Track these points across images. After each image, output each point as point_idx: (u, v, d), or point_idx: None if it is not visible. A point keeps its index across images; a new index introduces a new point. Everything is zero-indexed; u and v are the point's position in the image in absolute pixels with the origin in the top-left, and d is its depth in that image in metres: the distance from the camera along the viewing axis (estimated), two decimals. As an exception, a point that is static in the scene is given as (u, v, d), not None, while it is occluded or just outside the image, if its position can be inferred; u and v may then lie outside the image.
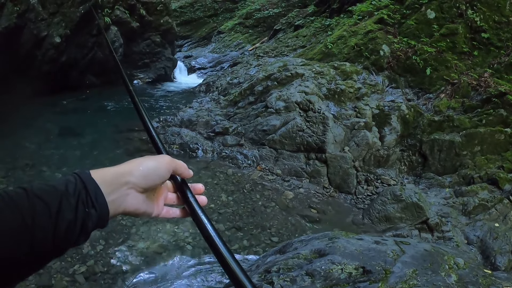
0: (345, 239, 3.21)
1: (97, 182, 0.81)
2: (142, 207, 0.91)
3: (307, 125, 7.44)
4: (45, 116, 9.76)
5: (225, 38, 21.99)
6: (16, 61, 9.99)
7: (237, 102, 9.02)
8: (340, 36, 10.80)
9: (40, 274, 4.14)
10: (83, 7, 11.17)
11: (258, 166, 7.38)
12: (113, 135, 8.72)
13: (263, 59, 13.30)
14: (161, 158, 0.96)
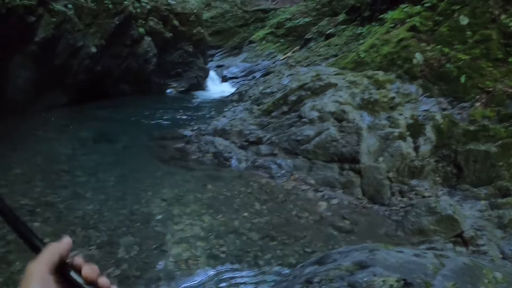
0: (386, 251, 3.21)
1: None
2: None
3: (341, 135, 7.42)
4: (79, 123, 10.02)
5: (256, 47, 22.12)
6: (53, 70, 10.33)
7: (271, 111, 9.01)
8: (372, 44, 10.71)
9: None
10: (117, 18, 11.56)
11: (292, 176, 7.34)
12: (146, 142, 8.89)
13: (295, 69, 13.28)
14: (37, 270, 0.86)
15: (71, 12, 10.24)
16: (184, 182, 6.86)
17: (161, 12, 13.99)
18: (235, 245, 5.08)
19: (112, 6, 11.34)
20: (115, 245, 4.80)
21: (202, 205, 6.00)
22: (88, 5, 10.76)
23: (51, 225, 5.21)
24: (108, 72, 12.27)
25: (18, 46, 9.10)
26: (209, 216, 5.66)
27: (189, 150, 8.25)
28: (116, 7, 11.49)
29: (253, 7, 26.15)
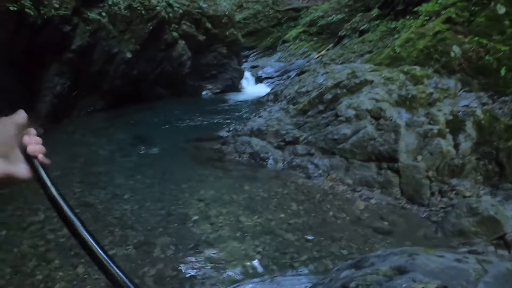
0: (426, 256, 3.08)
1: None
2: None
3: (378, 133, 7.25)
4: (117, 126, 10.26)
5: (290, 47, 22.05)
6: (90, 77, 10.70)
7: (307, 111, 8.91)
8: (407, 39, 10.43)
9: (111, 273, 4.34)
10: (151, 23, 11.82)
11: (329, 176, 7.23)
12: (182, 144, 8.97)
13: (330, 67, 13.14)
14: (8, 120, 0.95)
15: (105, 19, 10.55)
16: (220, 183, 6.91)
17: (194, 15, 14.19)
18: (271, 246, 5.05)
19: (145, 12, 11.58)
20: (152, 245, 4.87)
21: (239, 206, 6.01)
22: (122, 12, 11.03)
23: (90, 226, 5.23)
24: (144, 76, 12.50)
25: (55, 54, 9.46)
26: (245, 217, 5.66)
27: (225, 151, 8.28)
28: (149, 13, 11.72)
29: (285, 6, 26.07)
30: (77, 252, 4.71)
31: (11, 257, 4.70)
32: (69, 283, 4.25)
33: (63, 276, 4.36)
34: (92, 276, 4.32)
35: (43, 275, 4.38)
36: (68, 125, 10.01)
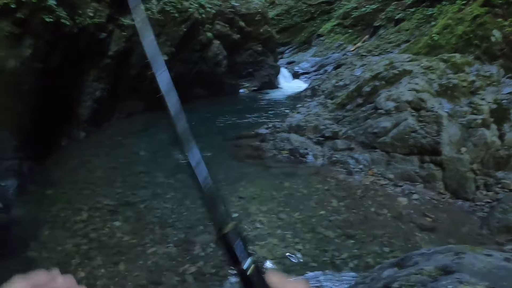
0: (472, 255, 2.89)
1: None
2: None
3: (419, 125, 6.98)
4: (157, 127, 10.35)
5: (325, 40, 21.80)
6: (128, 81, 10.93)
7: (345, 105, 8.77)
8: (445, 25, 10.04)
9: (151, 271, 4.40)
10: (184, 25, 11.99)
11: (370, 171, 7.05)
12: (222, 142, 9.02)
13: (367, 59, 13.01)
14: None
15: (140, 25, 10.62)
16: (260, 180, 6.87)
17: (226, 15, 14.27)
18: (312, 244, 4.98)
19: (178, 15, 11.70)
20: (192, 243, 4.91)
21: (279, 202, 5.96)
22: (155, 16, 11.20)
23: (131, 224, 5.43)
24: (181, 77, 12.61)
25: (93, 61, 9.73)
26: (285, 214, 5.61)
27: (264, 148, 8.22)
28: (182, 15, 11.84)
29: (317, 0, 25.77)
30: (119, 250, 4.79)
31: (55, 255, 4.86)
32: (110, 280, 4.33)
33: (105, 273, 4.45)
34: (133, 273, 4.39)
35: (86, 272, 4.50)
36: (109, 128, 10.25)
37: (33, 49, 7.51)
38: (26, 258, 4.85)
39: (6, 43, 7.15)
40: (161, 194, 6.30)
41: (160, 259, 4.60)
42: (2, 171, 6.56)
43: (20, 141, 7.24)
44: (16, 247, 5.05)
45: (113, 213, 5.74)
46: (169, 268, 4.45)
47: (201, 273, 4.39)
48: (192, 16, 12.17)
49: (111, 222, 5.47)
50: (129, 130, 10.19)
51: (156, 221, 5.44)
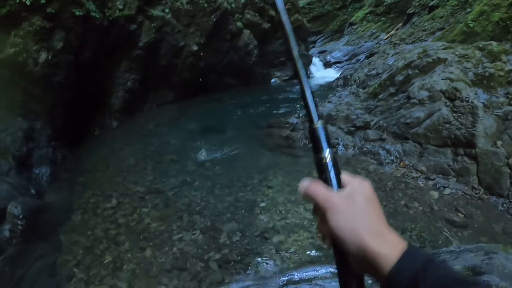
0: (504, 255, 2.74)
1: None
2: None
3: (454, 116, 6.64)
4: (187, 116, 10.48)
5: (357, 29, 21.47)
6: (159, 71, 11.08)
7: (377, 94, 8.52)
8: (481, 11, 9.63)
9: (176, 257, 4.43)
10: (214, 15, 12.00)
11: (402, 163, 6.81)
12: (252, 132, 8.98)
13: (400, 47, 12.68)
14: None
15: (169, 15, 10.89)
16: (289, 169, 6.79)
17: (256, 4, 14.17)
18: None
19: (207, 5, 11.73)
20: (218, 231, 4.91)
21: (307, 194, 5.85)
22: (184, 7, 11.27)
23: (160, 211, 5.49)
24: (212, 67, 12.66)
25: (124, 52, 9.93)
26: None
27: (295, 137, 8.12)
28: (211, 5, 11.86)
29: (349, -12, 25.38)
30: (146, 236, 4.84)
31: (84, 240, 4.96)
32: (137, 265, 4.39)
33: (132, 258, 4.52)
34: (159, 259, 4.43)
35: (113, 256, 4.59)
36: (141, 117, 10.39)
37: (64, 42, 7.69)
38: (56, 241, 5.00)
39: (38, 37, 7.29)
40: (190, 182, 6.33)
41: (186, 246, 4.63)
42: (37, 159, 6.81)
43: (54, 130, 7.48)
44: (47, 231, 5.21)
45: (142, 200, 5.82)
46: (194, 255, 4.47)
47: (225, 260, 4.39)
48: (222, 6, 12.17)
49: (140, 208, 5.54)
50: (160, 119, 10.30)
51: (184, 208, 5.48)
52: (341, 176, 0.86)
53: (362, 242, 0.77)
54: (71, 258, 4.62)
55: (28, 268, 4.49)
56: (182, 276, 4.14)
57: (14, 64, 7.10)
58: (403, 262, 0.74)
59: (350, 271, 0.82)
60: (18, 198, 5.41)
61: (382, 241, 0.77)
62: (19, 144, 6.58)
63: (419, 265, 0.74)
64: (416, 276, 0.73)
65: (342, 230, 0.79)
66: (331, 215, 0.80)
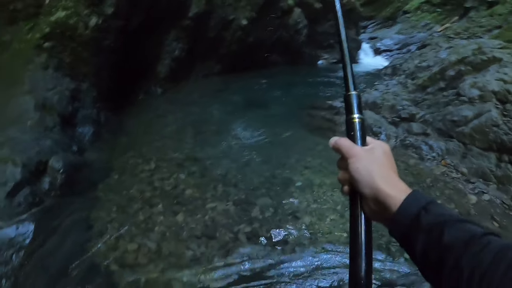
0: None
1: None
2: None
3: (503, 120, 6.25)
4: (232, 89, 10.49)
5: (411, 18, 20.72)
6: (207, 42, 11.09)
7: (426, 87, 8.23)
8: None
9: (207, 225, 4.50)
10: None
11: (443, 161, 6.57)
12: (295, 111, 8.90)
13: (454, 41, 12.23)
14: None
15: None
16: (329, 152, 6.51)
17: (310, -18, 13.84)
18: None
19: (260, -21, 11.53)
20: (251, 205, 4.93)
21: (344, 178, 5.77)
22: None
23: (195, 178, 5.57)
24: (260, 43, 12.57)
25: (173, 21, 9.97)
26: None
27: (337, 121, 8.01)
28: (264, -20, 11.65)
29: (405, -26, 24.55)
30: (179, 201, 4.92)
31: (119, 198, 5.12)
32: (167, 228, 4.49)
33: (163, 221, 4.62)
34: (190, 224, 4.51)
35: (145, 216, 4.70)
36: (186, 87, 10.44)
37: (114, 8, 7.80)
38: (92, 198, 5.17)
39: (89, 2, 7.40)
40: (229, 154, 6.38)
41: (218, 215, 4.68)
42: (81, 118, 7.04)
43: (100, 92, 7.67)
44: (85, 188, 5.40)
45: (180, 166, 5.91)
46: (224, 225, 4.52)
47: (255, 234, 4.41)
48: (274, -19, 12.01)
49: (176, 174, 5.64)
50: (205, 90, 10.34)
51: (219, 178, 5.53)
52: (366, 137, 1.04)
53: (375, 184, 0.92)
54: (104, 215, 4.77)
55: (63, 220, 4.68)
56: (211, 244, 4.21)
57: (65, 27, 7.27)
58: (408, 201, 0.88)
59: (360, 215, 0.96)
60: (59, 153, 5.60)
61: (392, 186, 0.92)
62: (65, 103, 6.80)
63: (422, 204, 0.87)
64: (418, 212, 0.86)
65: (360, 173, 0.95)
66: (352, 161, 0.98)
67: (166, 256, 4.03)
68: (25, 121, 5.89)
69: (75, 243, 4.30)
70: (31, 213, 4.75)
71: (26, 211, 4.74)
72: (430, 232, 0.82)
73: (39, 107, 6.23)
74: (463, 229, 0.80)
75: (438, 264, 0.79)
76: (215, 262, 3.96)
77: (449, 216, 0.84)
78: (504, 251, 0.74)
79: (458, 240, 0.78)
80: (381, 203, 0.91)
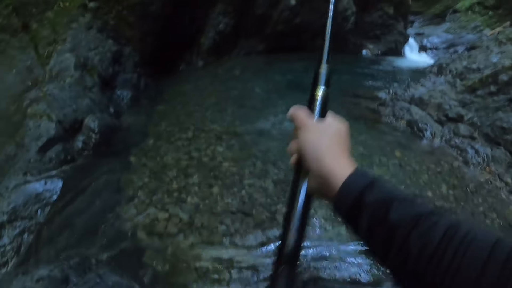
0: None
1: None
2: None
3: None
4: (274, 69, 10.28)
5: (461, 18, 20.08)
6: (253, 19, 10.84)
7: (476, 89, 8.06)
8: None
9: (244, 201, 4.30)
10: None
11: (487, 168, 6.30)
12: (338, 97, 8.57)
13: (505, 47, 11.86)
14: None
15: None
16: (372, 142, 6.48)
17: (362, -31, 13.47)
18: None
19: (312, -42, 11.21)
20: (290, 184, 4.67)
21: (387, 170, 5.58)
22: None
23: (233, 152, 5.35)
24: (307, 25, 12.24)
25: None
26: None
27: (382, 112, 7.83)
28: (317, -40, 11.33)
29: (459, -29, 23.88)
30: (216, 174, 4.74)
31: (153, 164, 4.94)
32: (201, 199, 4.29)
33: (198, 192, 4.42)
34: (225, 199, 4.31)
35: (179, 186, 4.51)
36: (228, 62, 10.28)
37: (164, -26, 7.64)
38: (125, 161, 5.02)
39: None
40: (269, 132, 6.15)
41: (255, 193, 4.47)
42: (120, 82, 6.94)
43: (141, 58, 7.58)
44: (118, 150, 5.27)
45: (218, 138, 5.71)
46: (262, 203, 4.30)
47: (290, 215, 4.18)
48: (328, -40, 11.67)
49: (214, 146, 5.44)
50: (247, 67, 10.14)
51: (259, 155, 5.30)
52: (326, 113, 1.03)
53: (320, 158, 0.89)
54: (136, 179, 4.62)
55: (93, 181, 4.56)
56: (246, 221, 4.01)
57: (111, -10, 7.15)
58: (352, 178, 0.86)
59: (300, 188, 0.92)
60: (96, 114, 5.50)
61: (337, 162, 0.89)
62: (106, 65, 6.70)
63: (367, 181, 0.85)
64: (363, 189, 0.83)
65: (307, 146, 0.93)
66: (302, 132, 0.97)
67: (197, 228, 3.84)
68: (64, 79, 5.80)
69: (104, 205, 4.18)
70: (61, 170, 4.66)
71: (57, 168, 4.66)
72: (376, 210, 0.79)
73: (80, 66, 6.14)
74: (410, 207, 0.77)
75: (384, 242, 0.76)
76: (250, 240, 3.77)
77: (395, 194, 0.81)
78: (453, 229, 0.72)
79: (405, 218, 0.75)
80: (324, 179, 0.88)
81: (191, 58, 9.63)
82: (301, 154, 0.95)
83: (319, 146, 0.91)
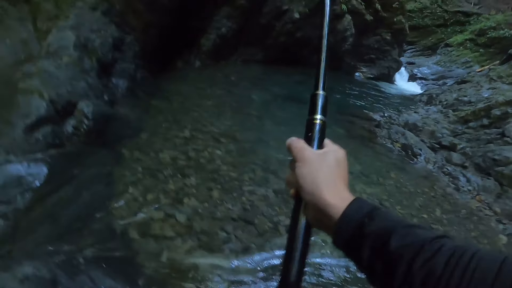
0: None
1: None
2: None
3: None
4: (273, 80, 10.25)
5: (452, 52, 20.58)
6: (256, 28, 10.88)
7: (468, 121, 8.49)
8: None
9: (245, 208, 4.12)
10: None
11: (478, 196, 6.60)
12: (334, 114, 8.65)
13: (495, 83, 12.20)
14: None
15: None
16: (369, 161, 6.54)
17: (366, -8, 13.64)
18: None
19: (317, -25, 11.25)
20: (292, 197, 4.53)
21: (384, 190, 5.60)
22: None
23: (232, 157, 5.18)
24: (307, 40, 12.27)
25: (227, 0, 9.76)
26: (388, 204, 5.25)
27: (378, 134, 7.98)
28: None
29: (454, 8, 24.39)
30: (215, 177, 4.54)
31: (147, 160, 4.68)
32: (200, 202, 4.07)
33: (196, 194, 4.19)
34: (226, 204, 4.11)
35: (176, 186, 4.27)
36: (225, 67, 10.17)
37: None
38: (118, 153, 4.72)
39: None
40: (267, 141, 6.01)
41: (257, 201, 4.30)
42: (118, 70, 6.62)
43: (142, 49, 7.31)
44: (111, 141, 4.95)
45: (217, 141, 5.53)
46: (264, 213, 4.13)
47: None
48: (334, -18, 11.73)
49: (212, 148, 5.26)
50: (244, 74, 10.08)
51: (259, 163, 5.15)
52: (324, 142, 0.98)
53: (317, 192, 0.85)
54: (129, 174, 4.33)
55: (82, 170, 4.19)
56: (248, 229, 3.82)
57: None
58: (351, 209, 0.81)
59: (300, 221, 0.88)
60: (91, 99, 5.17)
61: (335, 194, 0.84)
62: (107, 50, 6.36)
63: (366, 211, 0.81)
64: (362, 220, 0.79)
65: (304, 178, 0.88)
66: (299, 165, 0.91)
67: (196, 233, 3.60)
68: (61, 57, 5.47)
69: (92, 198, 3.82)
70: (48, 154, 4.16)
71: (43, 151, 4.14)
72: (377, 239, 0.76)
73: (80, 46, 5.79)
74: (412, 234, 0.75)
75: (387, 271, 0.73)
76: (252, 249, 3.57)
77: (396, 222, 0.79)
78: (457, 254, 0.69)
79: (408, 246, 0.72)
80: (321, 212, 0.84)
81: (189, 58, 9.50)
82: (298, 188, 0.89)
83: (316, 180, 0.87)
